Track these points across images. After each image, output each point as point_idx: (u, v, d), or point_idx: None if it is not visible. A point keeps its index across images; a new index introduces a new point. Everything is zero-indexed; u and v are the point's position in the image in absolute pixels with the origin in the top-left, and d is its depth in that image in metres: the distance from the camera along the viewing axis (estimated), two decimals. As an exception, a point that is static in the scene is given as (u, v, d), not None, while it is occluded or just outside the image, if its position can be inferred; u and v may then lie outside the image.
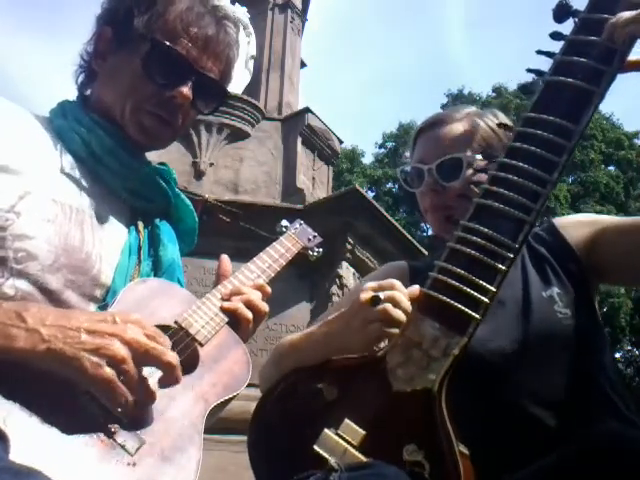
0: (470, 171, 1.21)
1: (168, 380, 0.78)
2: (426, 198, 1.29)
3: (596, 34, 0.97)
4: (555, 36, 1.02)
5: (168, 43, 1.03)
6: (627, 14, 0.92)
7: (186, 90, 1.03)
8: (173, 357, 0.77)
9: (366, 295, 0.99)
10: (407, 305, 0.97)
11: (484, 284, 0.93)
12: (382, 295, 0.97)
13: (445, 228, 1.22)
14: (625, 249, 1.14)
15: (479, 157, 1.21)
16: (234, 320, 1.01)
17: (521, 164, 0.97)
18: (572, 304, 1.14)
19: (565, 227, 1.25)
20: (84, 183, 1.01)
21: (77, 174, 1.00)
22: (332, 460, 0.87)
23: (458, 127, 1.29)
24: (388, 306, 0.96)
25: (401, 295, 0.98)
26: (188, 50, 1.04)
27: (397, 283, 1.01)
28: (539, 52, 1.03)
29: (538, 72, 1.04)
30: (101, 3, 1.11)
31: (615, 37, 0.94)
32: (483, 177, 1.05)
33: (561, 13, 1.02)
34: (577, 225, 1.25)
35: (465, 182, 1.21)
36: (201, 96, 1.08)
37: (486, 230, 0.96)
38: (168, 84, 1.04)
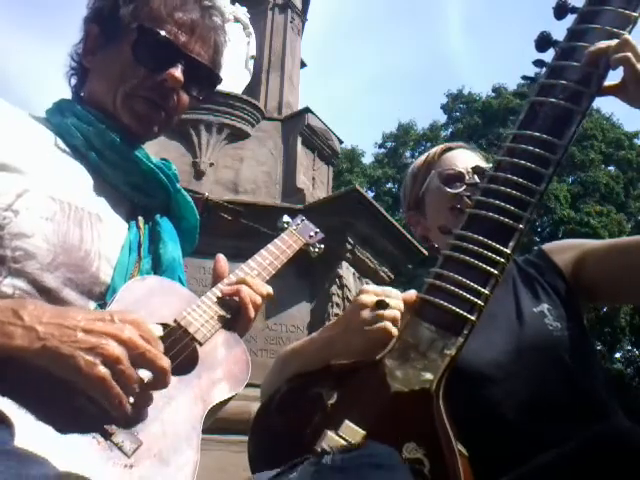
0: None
1: (156, 384, 0.76)
2: (463, 198, 1.33)
3: (574, 61, 1.06)
4: (537, 63, 1.11)
5: (153, 26, 1.03)
6: (606, 42, 1.01)
7: (177, 72, 1.03)
8: (167, 362, 0.75)
9: (369, 298, 1.02)
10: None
11: (478, 287, 0.97)
12: (390, 301, 1.02)
13: None
14: (610, 270, 1.21)
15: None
16: (239, 316, 1.00)
17: (510, 176, 1.03)
18: (561, 318, 1.20)
19: (552, 251, 1.33)
20: (84, 179, 1.00)
21: (76, 170, 1.00)
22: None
23: (473, 153, 1.47)
24: (397, 313, 1.01)
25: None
26: (175, 35, 1.05)
27: (398, 292, 1.06)
28: (524, 77, 1.13)
29: (533, 79, 1.12)
30: (86, 4, 1.12)
31: (599, 61, 1.02)
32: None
33: (543, 43, 1.11)
34: (564, 249, 1.33)
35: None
36: (192, 80, 1.08)
37: (479, 237, 1.01)
38: (158, 68, 1.04)
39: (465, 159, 1.40)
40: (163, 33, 1.04)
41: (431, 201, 1.42)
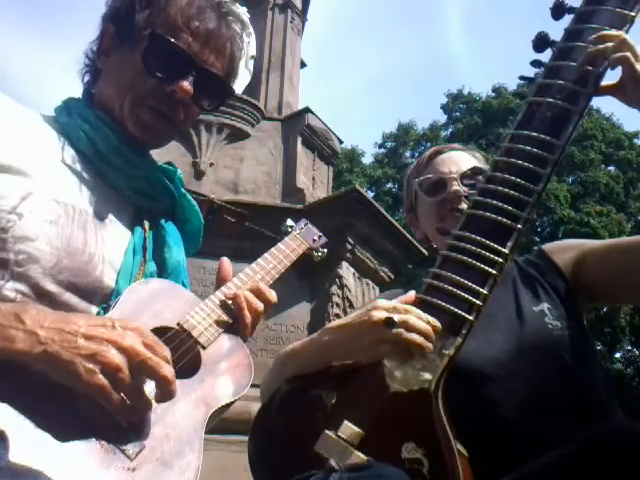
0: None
1: (162, 394, 0.76)
2: (446, 204, 1.35)
3: (572, 61, 1.06)
4: (535, 64, 1.11)
5: (168, 37, 1.01)
6: (606, 43, 1.01)
7: (186, 84, 1.01)
8: (169, 371, 0.75)
9: (379, 314, 1.00)
10: (423, 326, 0.98)
11: (476, 287, 0.98)
12: (396, 318, 0.98)
13: None
14: (610, 270, 1.21)
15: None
16: (237, 321, 0.99)
17: (508, 176, 1.03)
18: (561, 318, 1.20)
19: (553, 251, 1.33)
20: (88, 182, 0.99)
21: (81, 173, 0.99)
22: (332, 461, 0.88)
23: (465, 153, 1.44)
24: (402, 331, 0.97)
25: (415, 319, 0.98)
26: (189, 44, 1.03)
27: (412, 308, 1.02)
28: (522, 78, 1.14)
29: (531, 79, 1.12)
30: (105, 2, 1.10)
31: (596, 61, 1.03)
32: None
33: (540, 43, 1.11)
34: (564, 249, 1.33)
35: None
36: (203, 91, 1.06)
37: (477, 237, 1.01)
38: (168, 78, 1.02)
39: (453, 163, 1.39)
40: (176, 42, 1.01)
41: (419, 208, 1.45)
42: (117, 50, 1.07)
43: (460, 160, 1.40)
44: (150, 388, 0.77)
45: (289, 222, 1.29)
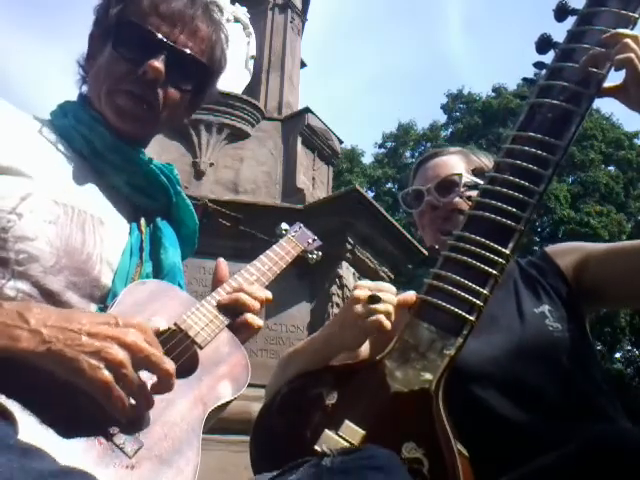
0: (463, 188, 1.32)
1: (162, 388, 0.77)
2: (425, 215, 1.39)
3: (574, 62, 1.06)
4: (538, 65, 1.11)
5: (135, 20, 1.02)
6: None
7: (157, 63, 1.00)
8: (171, 366, 0.76)
9: (363, 292, 1.04)
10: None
11: (477, 288, 0.98)
12: (380, 294, 1.03)
13: (440, 240, 1.31)
14: (610, 273, 1.22)
15: (471, 176, 1.34)
16: (234, 321, 1.00)
17: (509, 177, 1.03)
18: (562, 320, 1.20)
19: (556, 254, 1.33)
20: (86, 182, 1.01)
21: (79, 173, 1.00)
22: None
23: (452, 156, 1.43)
24: (389, 307, 1.02)
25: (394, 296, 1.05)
26: (158, 26, 1.03)
27: (390, 286, 1.08)
28: (525, 79, 1.14)
29: (533, 81, 1.12)
30: (93, 9, 1.12)
31: (599, 63, 1.04)
32: (475, 193, 1.12)
33: (543, 45, 1.11)
34: (566, 252, 1.33)
35: (459, 198, 1.33)
36: (177, 72, 1.04)
37: (478, 238, 1.01)
38: (139, 61, 1.01)
39: (431, 171, 1.40)
40: (143, 25, 1.02)
41: (416, 219, 1.47)
42: (100, 51, 1.08)
43: (441, 168, 1.40)
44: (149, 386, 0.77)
45: (284, 225, 1.31)
